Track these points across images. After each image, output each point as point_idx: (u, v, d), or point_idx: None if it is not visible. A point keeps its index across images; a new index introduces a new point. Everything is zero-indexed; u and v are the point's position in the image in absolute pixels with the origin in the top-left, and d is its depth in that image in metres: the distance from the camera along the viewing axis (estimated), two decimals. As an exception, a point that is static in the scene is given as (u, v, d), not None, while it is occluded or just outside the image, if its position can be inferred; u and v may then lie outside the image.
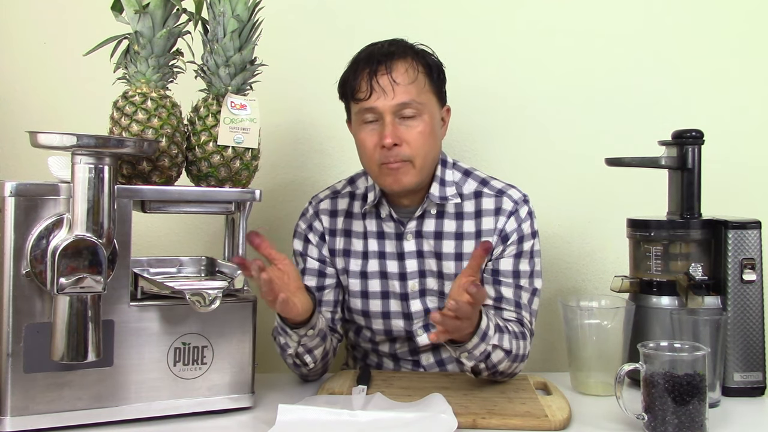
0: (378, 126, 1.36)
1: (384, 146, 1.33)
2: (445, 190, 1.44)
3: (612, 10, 1.85)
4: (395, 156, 1.34)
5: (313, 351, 1.32)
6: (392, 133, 1.33)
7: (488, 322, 1.24)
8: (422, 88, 1.36)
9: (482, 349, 1.24)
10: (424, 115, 1.36)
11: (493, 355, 1.26)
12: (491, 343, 1.24)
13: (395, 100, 1.33)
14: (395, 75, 1.34)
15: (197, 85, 1.32)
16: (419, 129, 1.35)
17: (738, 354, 1.35)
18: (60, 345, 1.08)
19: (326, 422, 1.12)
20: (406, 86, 1.34)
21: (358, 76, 1.36)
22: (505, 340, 1.27)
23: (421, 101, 1.35)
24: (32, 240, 1.10)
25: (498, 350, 1.26)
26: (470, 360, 1.25)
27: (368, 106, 1.35)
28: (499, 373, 1.31)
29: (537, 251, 1.44)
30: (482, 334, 1.22)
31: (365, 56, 1.38)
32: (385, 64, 1.34)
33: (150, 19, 1.22)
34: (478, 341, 1.22)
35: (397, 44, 1.39)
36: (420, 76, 1.36)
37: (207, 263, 1.39)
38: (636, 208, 1.54)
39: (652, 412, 1.11)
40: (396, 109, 1.34)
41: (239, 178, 1.29)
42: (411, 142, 1.35)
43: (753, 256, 1.36)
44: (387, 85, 1.33)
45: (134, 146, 1.13)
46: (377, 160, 1.36)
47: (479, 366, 1.27)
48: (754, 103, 1.85)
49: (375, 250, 1.47)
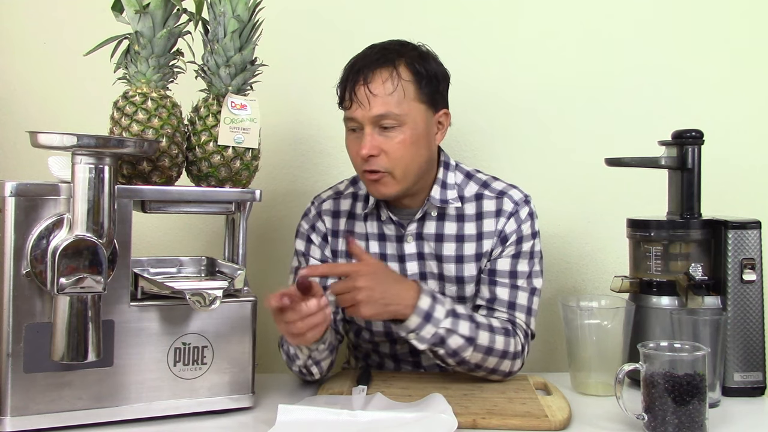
0: (360, 135, 1.36)
1: (361, 157, 1.34)
2: (446, 193, 1.44)
3: (612, 10, 1.85)
4: (373, 166, 1.34)
5: (320, 363, 1.32)
6: (369, 143, 1.33)
7: (434, 304, 1.26)
8: (403, 98, 1.34)
9: (431, 331, 1.25)
10: (405, 126, 1.34)
11: (450, 341, 1.27)
12: (442, 327, 1.25)
13: (372, 111, 1.33)
14: (372, 87, 1.33)
15: (197, 85, 1.32)
16: (398, 139, 1.34)
17: (738, 354, 1.35)
18: (60, 345, 1.08)
19: (326, 422, 1.12)
20: (384, 97, 1.33)
21: (343, 84, 1.37)
22: (464, 327, 1.28)
23: (401, 112, 1.33)
24: (32, 240, 1.10)
25: (455, 336, 1.27)
26: (421, 342, 1.26)
27: (350, 115, 1.36)
28: (477, 366, 1.31)
29: (537, 252, 1.44)
30: (424, 314, 1.24)
31: (350, 64, 1.38)
32: (364, 75, 1.33)
33: (150, 19, 1.22)
34: (421, 321, 1.24)
35: (385, 50, 1.37)
36: (403, 85, 1.34)
37: (207, 263, 1.39)
38: (636, 208, 1.54)
39: (652, 412, 1.11)
40: (374, 120, 1.33)
41: (239, 178, 1.29)
42: (390, 153, 1.34)
43: (753, 256, 1.36)
44: (363, 96, 1.33)
45: (134, 146, 1.13)
46: (360, 167, 1.38)
47: (438, 352, 1.28)
48: (754, 103, 1.85)
49: (376, 252, 1.46)
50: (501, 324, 1.35)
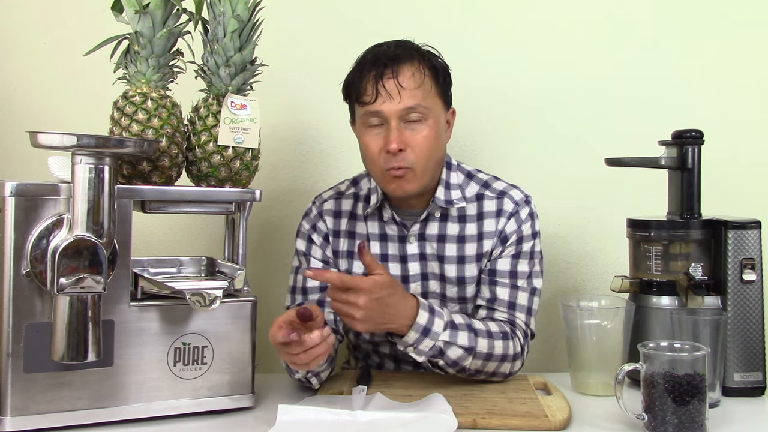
0: (383, 130, 1.34)
1: (389, 151, 1.32)
2: (450, 194, 1.44)
3: (612, 11, 1.85)
4: (400, 161, 1.33)
5: (320, 374, 1.32)
6: (397, 138, 1.32)
7: (432, 318, 1.25)
8: (428, 92, 1.35)
9: (428, 344, 1.25)
10: (430, 120, 1.35)
11: (449, 352, 1.27)
12: (441, 340, 1.25)
13: (401, 104, 1.32)
14: (401, 79, 1.32)
15: (197, 85, 1.32)
16: (424, 134, 1.34)
17: (738, 354, 1.35)
18: (60, 345, 1.08)
19: (326, 422, 1.12)
20: (413, 90, 1.33)
21: (364, 78, 1.34)
22: (462, 338, 1.27)
23: (426, 105, 1.34)
24: (32, 240, 1.10)
25: (454, 347, 1.27)
26: (420, 355, 1.26)
27: (374, 110, 1.33)
28: (474, 372, 1.31)
29: (537, 252, 1.44)
30: (422, 329, 1.24)
31: (371, 58, 1.36)
32: (392, 68, 1.33)
33: (150, 19, 1.22)
34: (419, 336, 1.24)
35: (404, 46, 1.37)
36: (426, 80, 1.35)
37: (207, 263, 1.39)
38: (636, 208, 1.54)
39: (652, 412, 1.11)
40: (402, 114, 1.32)
41: (239, 178, 1.29)
42: (415, 147, 1.33)
43: (753, 256, 1.36)
44: (393, 89, 1.32)
45: (134, 146, 1.13)
46: (381, 164, 1.35)
47: (437, 362, 1.28)
48: (755, 103, 1.85)
49: (377, 252, 1.46)
50: (499, 327, 1.34)
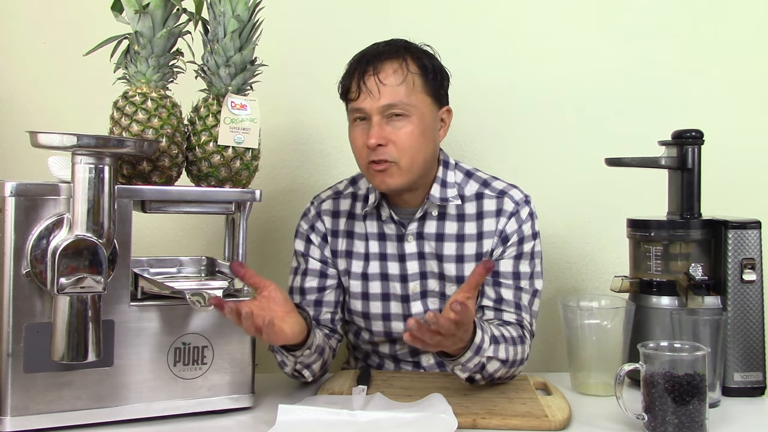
0: (367, 125, 1.37)
1: (368, 146, 1.34)
2: (446, 192, 1.44)
3: (612, 11, 1.85)
4: (380, 155, 1.35)
5: (311, 366, 1.32)
6: (377, 133, 1.34)
7: (483, 335, 1.23)
8: (412, 89, 1.36)
9: (476, 361, 1.23)
10: (413, 117, 1.36)
11: (488, 366, 1.26)
12: (486, 356, 1.24)
13: (381, 101, 1.34)
14: (382, 76, 1.35)
15: (197, 85, 1.32)
16: (407, 130, 1.35)
17: (738, 354, 1.35)
18: (60, 345, 1.08)
19: (326, 422, 1.12)
20: (394, 87, 1.34)
21: (350, 76, 1.38)
22: (501, 351, 1.27)
23: (410, 102, 1.35)
24: (32, 240, 1.10)
25: (493, 361, 1.26)
26: (464, 372, 1.25)
27: (357, 106, 1.37)
28: (496, 379, 1.31)
29: (538, 252, 1.44)
30: (476, 348, 1.22)
31: (358, 57, 1.40)
32: (374, 65, 1.36)
33: (150, 19, 1.22)
34: (472, 355, 1.22)
35: (392, 44, 1.40)
36: (411, 77, 1.36)
37: (207, 263, 1.39)
38: (636, 208, 1.54)
39: (652, 412, 1.11)
40: (382, 110, 1.34)
41: (239, 178, 1.29)
42: (397, 143, 1.35)
43: (753, 256, 1.36)
44: (373, 86, 1.34)
45: (134, 146, 1.13)
46: (365, 159, 1.37)
47: (475, 377, 1.27)
48: (755, 103, 1.85)
49: (376, 251, 1.46)
50: (516, 332, 1.34)
